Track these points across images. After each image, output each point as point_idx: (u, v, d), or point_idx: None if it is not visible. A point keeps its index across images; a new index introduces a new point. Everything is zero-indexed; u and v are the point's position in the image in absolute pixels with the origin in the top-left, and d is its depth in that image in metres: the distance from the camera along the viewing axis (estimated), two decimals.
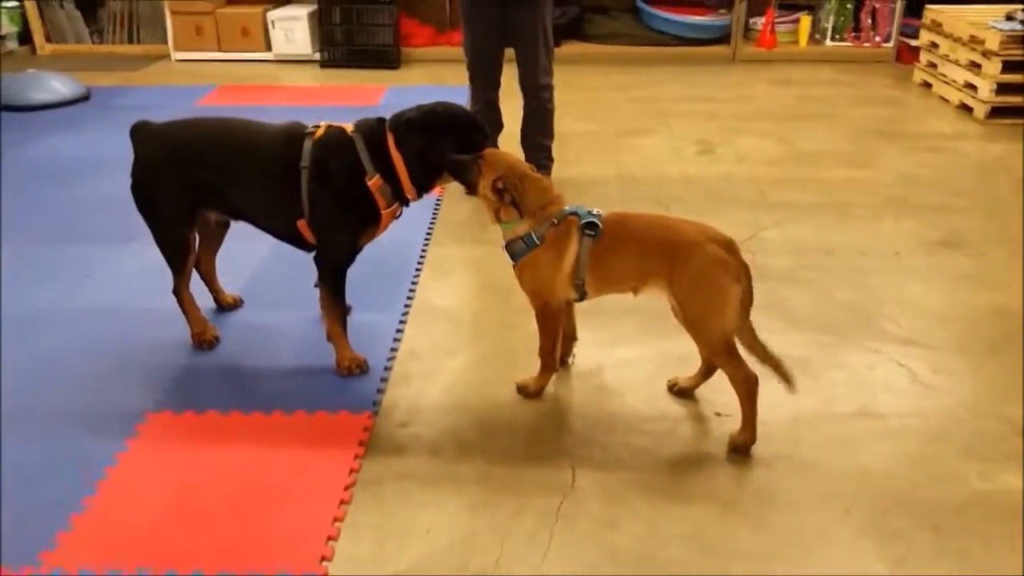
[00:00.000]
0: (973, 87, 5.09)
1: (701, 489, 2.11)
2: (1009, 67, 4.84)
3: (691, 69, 6.38)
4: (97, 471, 2.15)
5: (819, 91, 5.83)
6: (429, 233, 3.56)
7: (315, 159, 2.37)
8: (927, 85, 5.71)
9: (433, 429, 2.33)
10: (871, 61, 6.51)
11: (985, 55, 4.94)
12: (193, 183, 2.48)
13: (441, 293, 3.09)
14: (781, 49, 6.66)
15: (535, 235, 2.26)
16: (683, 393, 2.44)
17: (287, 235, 2.53)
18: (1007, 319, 2.88)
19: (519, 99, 3.92)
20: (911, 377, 2.55)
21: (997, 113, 4.94)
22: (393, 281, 3.12)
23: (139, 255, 3.06)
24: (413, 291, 3.07)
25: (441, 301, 3.03)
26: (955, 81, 5.30)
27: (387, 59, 6.54)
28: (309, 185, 2.38)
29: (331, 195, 2.39)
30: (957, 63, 5.25)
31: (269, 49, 6.68)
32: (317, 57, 6.64)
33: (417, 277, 3.18)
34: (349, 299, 2.59)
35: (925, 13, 5.75)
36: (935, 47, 5.57)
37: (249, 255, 3.21)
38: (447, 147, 2.36)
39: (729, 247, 2.16)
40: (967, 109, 5.14)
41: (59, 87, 5.51)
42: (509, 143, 3.87)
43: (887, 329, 2.80)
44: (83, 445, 2.26)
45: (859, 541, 1.94)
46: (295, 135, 2.42)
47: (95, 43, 7.07)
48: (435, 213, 3.75)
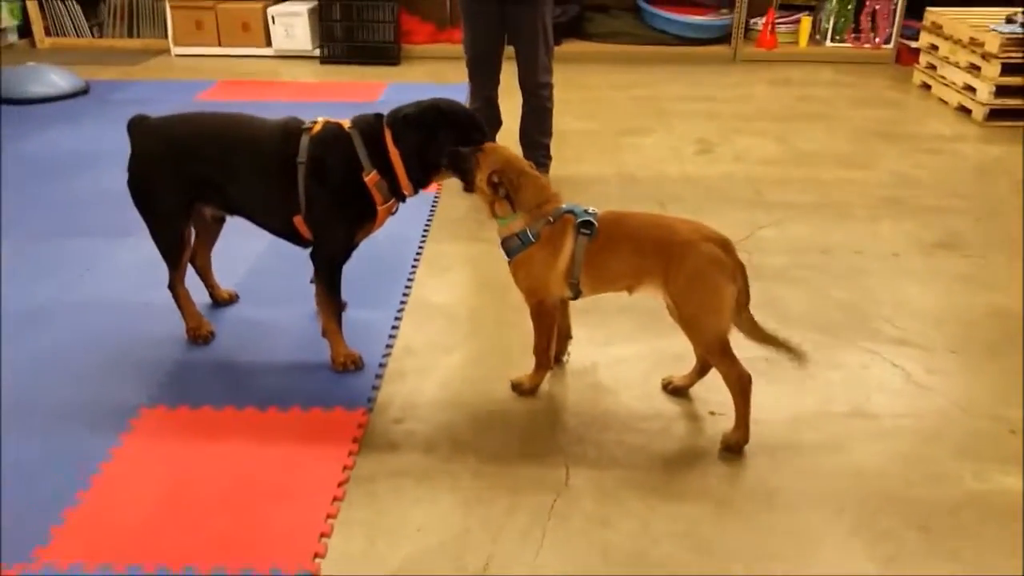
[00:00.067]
0: (972, 89, 5.09)
1: (694, 488, 2.11)
2: (1008, 70, 4.84)
3: (691, 68, 6.38)
4: (91, 466, 2.15)
5: (819, 92, 5.83)
6: (426, 230, 3.56)
7: (312, 155, 2.37)
8: (926, 87, 5.71)
9: (427, 426, 2.33)
10: (871, 62, 6.52)
11: (985, 57, 4.94)
12: (190, 178, 2.48)
13: (437, 290, 3.09)
14: (781, 49, 6.66)
15: (530, 232, 2.25)
16: (677, 392, 2.44)
17: (283, 231, 2.53)
18: (1003, 321, 2.89)
19: (518, 97, 3.92)
20: (906, 377, 2.55)
21: (996, 115, 4.94)
22: (389, 277, 3.12)
23: (136, 249, 3.06)
24: (409, 288, 3.07)
25: (437, 298, 3.03)
26: (954, 83, 5.30)
27: (387, 56, 6.54)
28: (306, 181, 2.38)
29: (328, 191, 2.39)
30: (957, 65, 5.25)
31: (269, 45, 6.67)
32: (317, 53, 6.63)
33: (413, 274, 3.18)
34: (345, 295, 2.59)
35: (925, 15, 5.75)
36: (935, 49, 5.57)
37: (245, 250, 3.21)
38: (445, 143, 2.36)
39: (725, 246, 2.16)
40: (966, 111, 5.15)
41: (58, 81, 5.50)
42: (508, 141, 3.85)
43: (882, 329, 2.81)
44: (77, 440, 2.26)
45: (850, 540, 1.94)
46: (292, 131, 2.42)
47: (95, 37, 7.08)
48: (432, 210, 3.75)
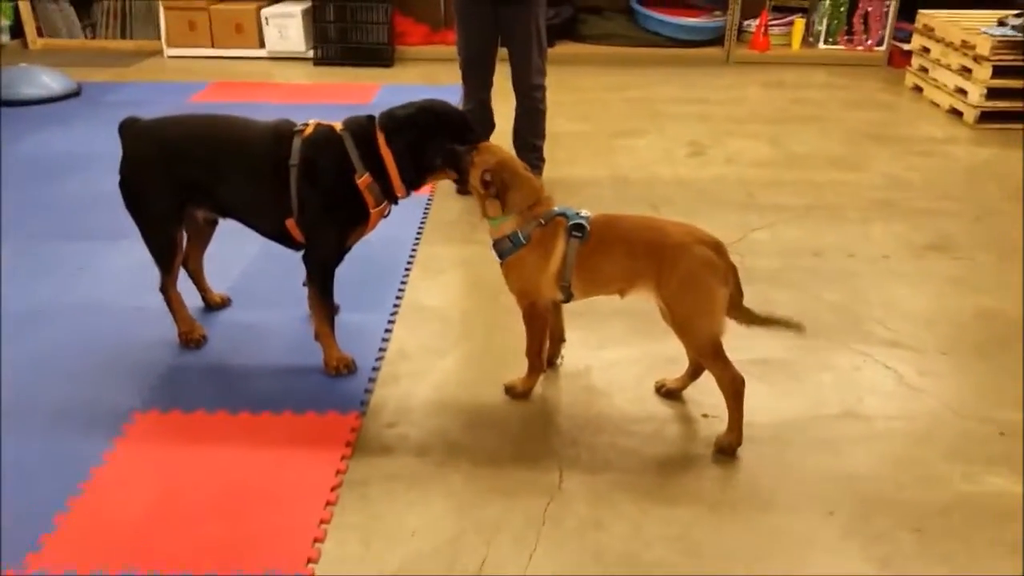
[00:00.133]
0: (964, 92, 5.11)
1: (687, 490, 2.11)
2: (999, 72, 4.86)
3: (685, 71, 6.39)
4: (84, 471, 2.14)
5: (811, 94, 5.85)
6: (419, 232, 3.55)
7: (304, 157, 2.37)
8: (918, 89, 5.73)
9: (420, 429, 2.33)
10: (863, 65, 6.54)
11: (976, 60, 4.96)
12: (181, 180, 2.47)
13: (430, 293, 3.08)
14: (774, 51, 6.68)
15: (521, 234, 2.26)
16: (671, 394, 2.45)
17: (275, 233, 2.53)
18: (994, 322, 2.90)
19: (511, 99, 3.92)
20: (897, 379, 2.56)
21: (987, 118, 4.96)
22: (382, 281, 3.11)
23: (128, 252, 3.04)
24: (402, 291, 3.07)
25: (430, 301, 3.02)
26: (946, 86, 5.32)
27: (381, 57, 6.53)
28: (298, 183, 2.37)
29: (320, 194, 2.38)
30: (948, 68, 5.28)
31: (263, 46, 6.65)
32: (311, 54, 6.61)
33: (407, 277, 3.18)
34: (338, 298, 2.59)
35: (918, 17, 5.77)
36: (927, 52, 5.59)
37: (237, 253, 3.20)
38: (437, 145, 2.36)
39: (717, 248, 2.16)
40: (957, 114, 5.17)
41: (49, 82, 5.47)
42: (501, 143, 3.79)
43: (874, 331, 2.82)
44: (70, 444, 2.25)
45: (844, 542, 1.95)
46: (284, 133, 2.42)
47: (88, 38, 7.04)
48: (425, 212, 3.74)
